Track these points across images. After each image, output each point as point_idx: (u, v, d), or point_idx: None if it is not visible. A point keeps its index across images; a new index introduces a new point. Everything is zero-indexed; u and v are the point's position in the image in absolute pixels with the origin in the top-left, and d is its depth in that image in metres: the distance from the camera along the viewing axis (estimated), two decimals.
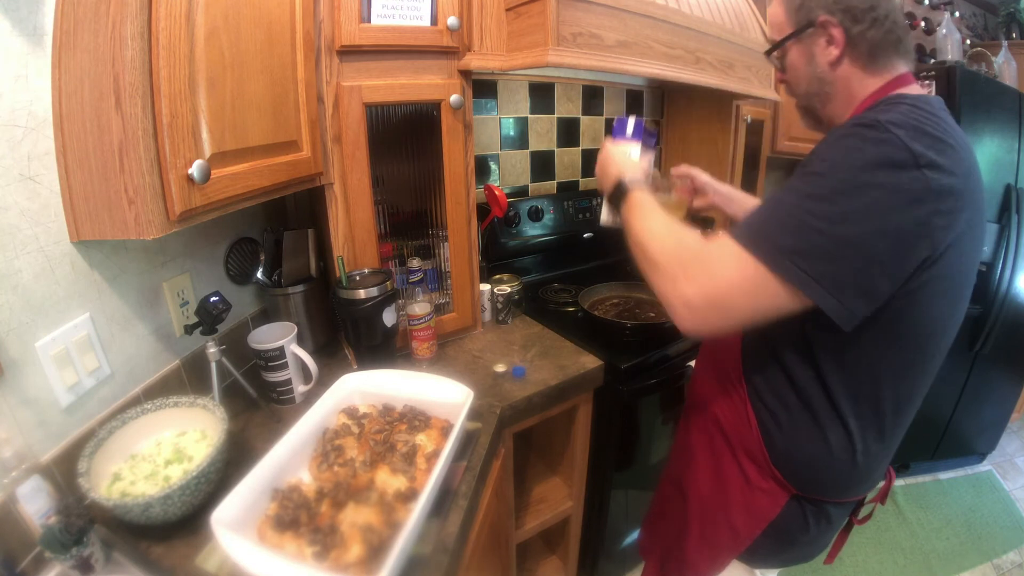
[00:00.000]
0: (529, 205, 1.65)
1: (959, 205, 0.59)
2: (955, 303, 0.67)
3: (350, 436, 0.82)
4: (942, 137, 0.59)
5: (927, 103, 0.64)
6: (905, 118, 0.59)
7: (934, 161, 0.57)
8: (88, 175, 0.70)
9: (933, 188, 0.56)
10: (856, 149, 0.59)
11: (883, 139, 0.57)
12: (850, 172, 0.58)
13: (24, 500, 0.64)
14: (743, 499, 0.79)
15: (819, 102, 0.75)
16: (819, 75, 0.72)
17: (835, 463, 0.73)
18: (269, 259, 1.16)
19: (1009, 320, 1.84)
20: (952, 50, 1.98)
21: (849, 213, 0.57)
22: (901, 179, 0.56)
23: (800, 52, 0.74)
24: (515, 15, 1.08)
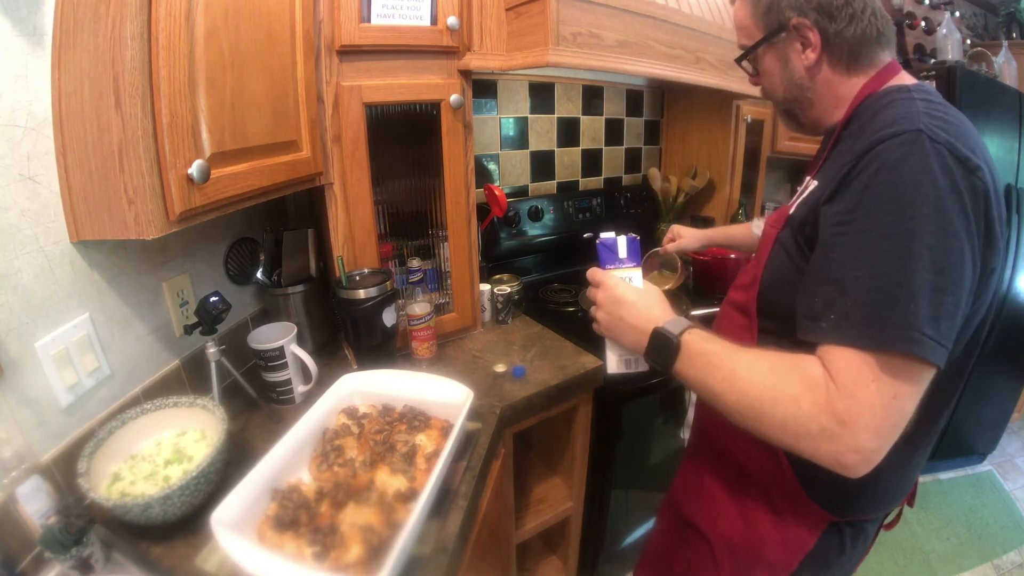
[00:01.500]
0: (529, 205, 1.65)
1: (999, 201, 0.54)
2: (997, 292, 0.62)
3: (350, 436, 0.82)
4: (966, 130, 0.54)
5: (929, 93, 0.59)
6: (933, 121, 0.53)
7: (977, 163, 0.52)
8: (88, 175, 0.70)
9: (985, 191, 0.52)
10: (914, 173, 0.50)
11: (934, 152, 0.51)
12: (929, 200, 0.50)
13: (24, 500, 0.64)
14: (777, 535, 0.71)
15: (800, 107, 0.70)
16: (797, 80, 0.67)
17: (882, 482, 0.65)
18: (269, 259, 1.16)
19: (1009, 320, 1.84)
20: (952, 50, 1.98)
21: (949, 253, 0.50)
22: (965, 194, 0.50)
23: (774, 58, 0.68)
24: (515, 15, 1.08)
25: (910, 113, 0.54)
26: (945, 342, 0.50)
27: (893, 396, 0.50)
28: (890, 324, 0.49)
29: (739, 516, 0.74)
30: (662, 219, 1.99)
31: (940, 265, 0.49)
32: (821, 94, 0.67)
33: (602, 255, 0.78)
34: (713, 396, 0.60)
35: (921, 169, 0.50)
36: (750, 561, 0.74)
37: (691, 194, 1.94)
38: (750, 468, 0.72)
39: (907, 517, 1.92)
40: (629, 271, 0.76)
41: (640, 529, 1.50)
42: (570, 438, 1.28)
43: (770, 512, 0.71)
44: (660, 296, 0.71)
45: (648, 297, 0.70)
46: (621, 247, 0.77)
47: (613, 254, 0.77)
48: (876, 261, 0.51)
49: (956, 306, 0.50)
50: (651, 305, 0.69)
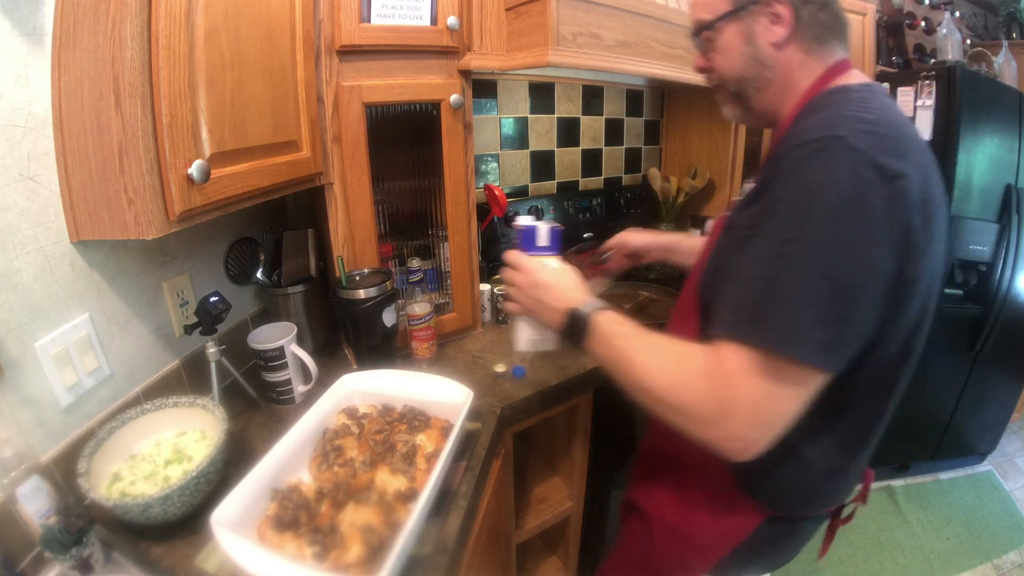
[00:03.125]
0: (529, 205, 1.65)
1: (932, 207, 0.54)
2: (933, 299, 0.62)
3: (350, 436, 0.82)
4: (897, 135, 0.54)
5: (871, 93, 0.59)
6: (859, 125, 0.54)
7: (901, 170, 0.51)
8: (88, 175, 0.70)
9: (909, 200, 0.52)
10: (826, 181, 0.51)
11: (846, 161, 0.51)
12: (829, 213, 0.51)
13: (24, 500, 0.64)
14: (713, 523, 0.73)
15: (754, 88, 0.67)
16: (759, 57, 0.65)
17: (813, 481, 0.68)
18: (269, 259, 1.16)
19: (1009, 320, 1.84)
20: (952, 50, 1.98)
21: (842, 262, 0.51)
22: (877, 203, 0.51)
23: (738, 31, 0.66)
24: (515, 15, 1.08)
25: (835, 118, 0.56)
26: (832, 347, 0.52)
27: (770, 393, 0.53)
28: (771, 324, 0.52)
29: (680, 501, 0.77)
30: (662, 219, 1.99)
31: (832, 272, 0.51)
32: (779, 74, 0.65)
33: (522, 240, 0.78)
34: (619, 375, 0.64)
35: (828, 177, 0.51)
36: (683, 543, 0.76)
37: (691, 194, 1.94)
38: (693, 458, 0.73)
39: (907, 517, 1.93)
40: (549, 258, 0.76)
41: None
42: (570, 438, 1.28)
43: (708, 501, 0.73)
44: (576, 278, 0.74)
45: (565, 279, 0.73)
46: (542, 236, 0.77)
47: (533, 240, 0.78)
48: (771, 263, 0.54)
49: (850, 313, 0.52)
50: (568, 287, 0.72)
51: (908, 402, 2.11)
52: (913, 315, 0.59)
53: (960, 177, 1.67)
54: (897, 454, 2.06)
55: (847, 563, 1.73)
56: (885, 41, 2.09)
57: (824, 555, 0.88)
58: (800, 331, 0.51)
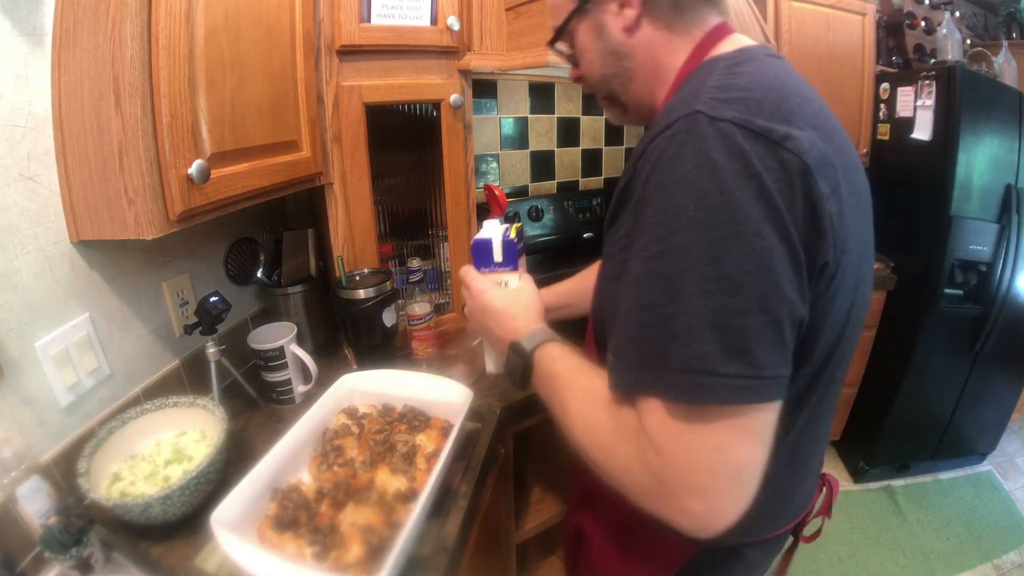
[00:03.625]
0: (529, 205, 1.65)
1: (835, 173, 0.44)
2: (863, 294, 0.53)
3: (350, 436, 0.82)
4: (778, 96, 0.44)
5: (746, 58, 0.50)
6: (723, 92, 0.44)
7: (787, 133, 0.41)
8: (88, 175, 0.70)
9: (806, 164, 0.41)
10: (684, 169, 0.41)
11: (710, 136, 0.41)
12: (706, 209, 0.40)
13: (24, 500, 0.64)
14: (644, 550, 0.65)
15: (620, 84, 0.60)
16: (613, 48, 0.57)
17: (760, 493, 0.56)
18: (269, 259, 1.16)
19: (1009, 320, 1.84)
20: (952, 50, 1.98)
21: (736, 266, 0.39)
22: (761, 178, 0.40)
23: (588, 27, 0.59)
24: (515, 15, 1.08)
25: (694, 92, 0.46)
26: (764, 371, 0.40)
27: (714, 447, 0.41)
28: (669, 367, 0.41)
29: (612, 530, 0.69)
30: None
31: (732, 282, 0.39)
32: (641, 61, 0.57)
33: (476, 257, 0.70)
34: (558, 420, 0.55)
35: (695, 162, 0.41)
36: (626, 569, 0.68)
37: None
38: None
39: (907, 517, 1.93)
40: (505, 275, 0.69)
41: None
42: None
43: (638, 529, 0.64)
44: (529, 300, 0.66)
45: (515, 304, 0.65)
46: (496, 250, 0.68)
47: (488, 256, 0.69)
48: (645, 289, 0.43)
49: (773, 324, 0.40)
50: (515, 315, 0.64)
51: (908, 402, 2.11)
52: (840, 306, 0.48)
53: (960, 177, 1.67)
54: (897, 454, 2.06)
55: (847, 563, 1.73)
56: (885, 41, 2.09)
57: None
58: (714, 368, 0.39)
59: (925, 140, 1.75)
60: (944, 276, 1.74)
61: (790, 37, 1.71)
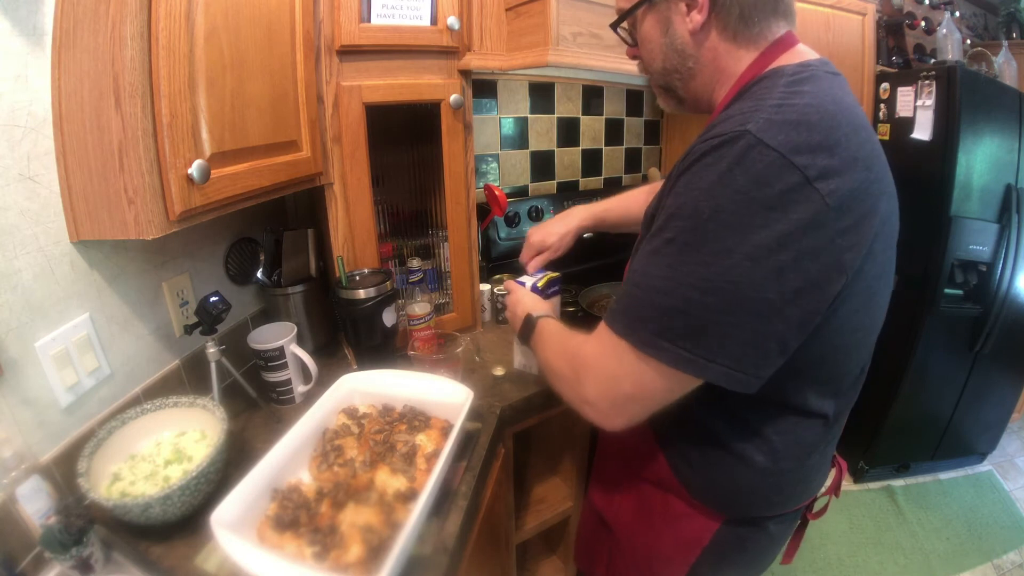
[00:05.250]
0: (529, 205, 1.65)
1: (867, 206, 0.49)
2: (874, 309, 0.59)
3: (350, 436, 0.82)
4: (828, 125, 0.48)
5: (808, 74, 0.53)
6: (780, 114, 0.48)
7: (826, 168, 0.46)
8: (88, 175, 0.70)
9: (831, 205, 0.46)
10: (723, 180, 0.47)
11: (755, 159, 0.46)
12: (723, 216, 0.47)
13: (24, 500, 0.64)
14: (670, 531, 0.72)
15: (680, 80, 0.63)
16: (678, 47, 0.60)
17: (763, 483, 0.65)
18: (269, 259, 1.16)
19: (1009, 320, 1.84)
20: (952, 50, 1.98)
21: (736, 271, 0.47)
22: (789, 209, 0.45)
23: (655, 20, 0.61)
24: (515, 15, 1.08)
25: (754, 108, 0.50)
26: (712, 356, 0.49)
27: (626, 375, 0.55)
28: (645, 327, 0.52)
29: (637, 507, 0.77)
30: None
31: (713, 285, 0.47)
32: (704, 64, 0.60)
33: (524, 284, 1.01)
34: (539, 359, 0.75)
35: (726, 178, 0.47)
36: (650, 554, 0.76)
37: None
38: (643, 466, 0.74)
39: (907, 517, 1.93)
40: None
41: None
42: (570, 438, 1.28)
43: (662, 509, 0.73)
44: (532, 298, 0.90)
45: (530, 299, 0.90)
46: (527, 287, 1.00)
47: None
48: (651, 263, 0.53)
49: (736, 327, 0.48)
50: (531, 305, 0.87)
51: (908, 402, 2.11)
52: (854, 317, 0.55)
53: (960, 177, 1.67)
54: (897, 454, 2.06)
55: (847, 563, 1.73)
56: (885, 41, 2.09)
57: (790, 559, 0.83)
58: (671, 338, 0.50)
59: (925, 140, 1.75)
60: (944, 276, 1.74)
61: None
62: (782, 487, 0.67)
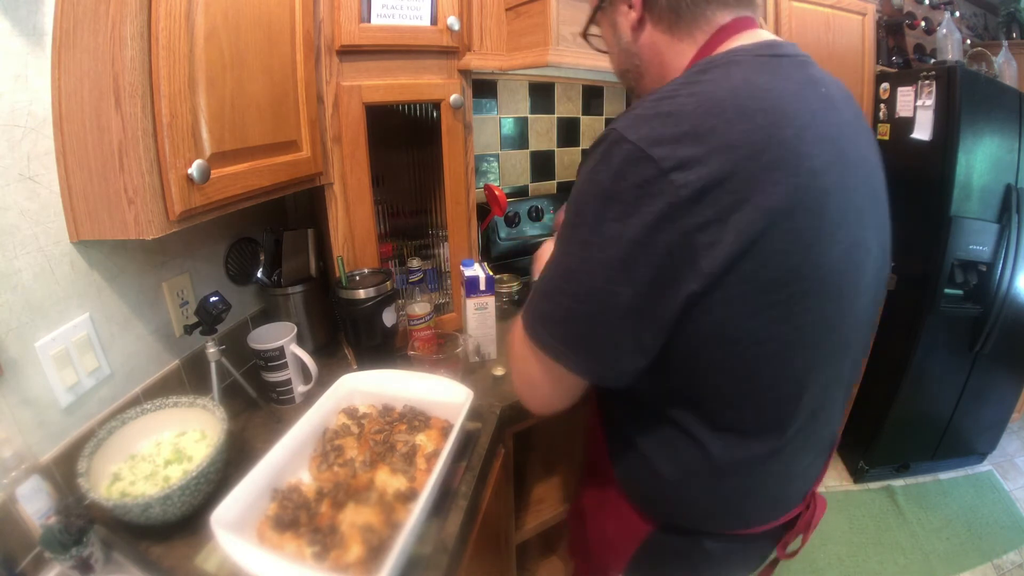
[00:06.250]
0: (529, 205, 1.65)
1: (737, 199, 0.45)
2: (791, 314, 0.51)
3: (350, 436, 0.82)
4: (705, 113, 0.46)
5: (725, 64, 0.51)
6: (653, 108, 0.48)
7: (686, 158, 0.44)
8: (88, 175, 0.70)
9: (685, 196, 0.44)
10: (586, 178, 0.50)
11: (612, 154, 0.47)
12: (581, 210, 0.50)
13: (24, 500, 0.64)
14: (613, 518, 0.74)
15: (633, 80, 0.65)
16: (625, 47, 0.62)
17: (674, 495, 0.64)
18: (269, 259, 1.16)
19: (1009, 320, 1.84)
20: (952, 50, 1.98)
21: (584, 263, 0.50)
22: (642, 202, 0.45)
23: (607, 25, 0.64)
24: (515, 15, 1.08)
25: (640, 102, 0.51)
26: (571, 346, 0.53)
27: (528, 359, 0.58)
28: (528, 308, 0.58)
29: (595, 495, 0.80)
30: None
31: (567, 269, 0.52)
32: (647, 60, 0.61)
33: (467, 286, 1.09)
34: None
35: (590, 175, 0.50)
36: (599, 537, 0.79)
37: None
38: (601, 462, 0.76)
39: (907, 517, 1.93)
40: (486, 299, 1.11)
41: None
42: (570, 438, 1.28)
43: (611, 498, 0.74)
44: None
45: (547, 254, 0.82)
46: (481, 282, 1.09)
47: (475, 287, 1.09)
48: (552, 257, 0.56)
49: (590, 317, 0.51)
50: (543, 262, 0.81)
51: (908, 402, 2.11)
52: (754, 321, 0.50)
53: (960, 177, 1.67)
54: (897, 454, 2.06)
55: (847, 563, 1.73)
56: (885, 41, 2.09)
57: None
58: (540, 322, 0.55)
59: (925, 140, 1.75)
60: (944, 276, 1.74)
61: (790, 37, 1.71)
62: (696, 503, 0.64)
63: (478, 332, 1.15)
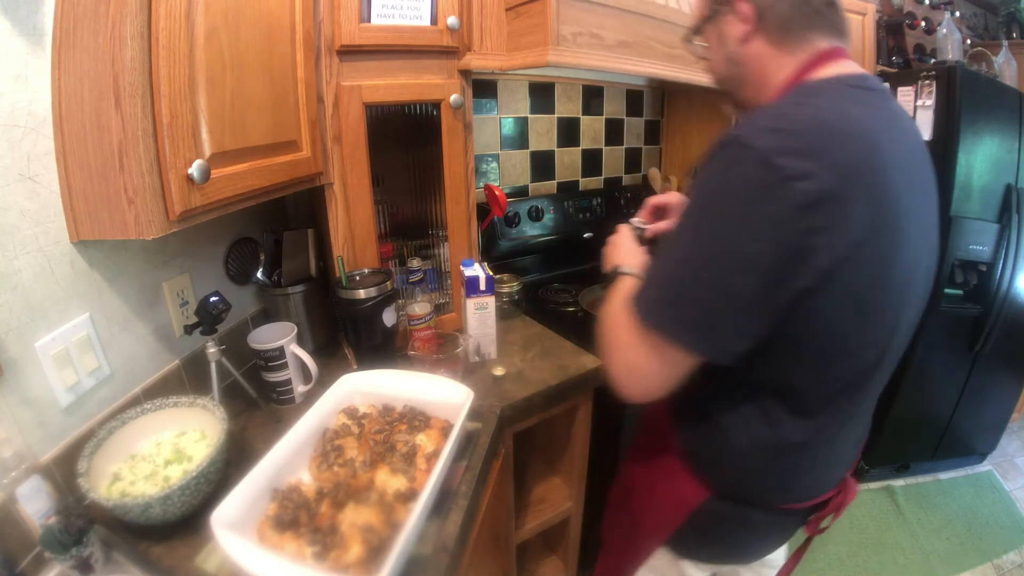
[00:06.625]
0: (529, 205, 1.65)
1: (843, 212, 0.52)
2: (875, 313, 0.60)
3: (350, 436, 0.82)
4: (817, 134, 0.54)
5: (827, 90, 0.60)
6: (774, 121, 0.55)
7: (803, 170, 0.51)
8: (88, 175, 0.70)
9: (805, 202, 0.51)
10: (713, 178, 0.56)
11: (740, 159, 0.53)
12: (710, 208, 0.56)
13: (24, 500, 0.64)
14: (666, 486, 0.79)
15: (735, 86, 0.72)
16: (730, 55, 0.69)
17: (744, 468, 0.70)
18: (269, 259, 1.16)
19: (1009, 320, 1.84)
20: (952, 50, 1.98)
21: (712, 254, 0.55)
22: (763, 203, 0.52)
23: (715, 33, 0.71)
24: (515, 15, 1.08)
25: (758, 115, 0.58)
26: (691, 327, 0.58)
27: (637, 346, 0.62)
28: (644, 295, 0.62)
29: (647, 467, 0.84)
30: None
31: (693, 259, 0.57)
32: (751, 70, 0.68)
33: (468, 286, 1.10)
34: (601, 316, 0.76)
35: (713, 173, 0.56)
36: (647, 506, 0.83)
37: None
38: (661, 431, 0.82)
39: (907, 517, 1.93)
40: (486, 299, 1.12)
41: None
42: (570, 438, 1.28)
43: (666, 467, 0.79)
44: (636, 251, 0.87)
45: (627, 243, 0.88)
46: (482, 282, 1.10)
47: (475, 287, 1.10)
48: (665, 250, 0.62)
49: (712, 302, 0.56)
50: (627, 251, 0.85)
51: (908, 402, 2.11)
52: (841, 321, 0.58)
53: (960, 177, 1.67)
54: (897, 454, 2.06)
55: (847, 563, 1.73)
56: (885, 41, 2.09)
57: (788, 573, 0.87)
58: (661, 306, 0.59)
59: (925, 140, 1.75)
60: (944, 276, 1.74)
61: None
62: (757, 475, 0.71)
63: (478, 332, 1.15)
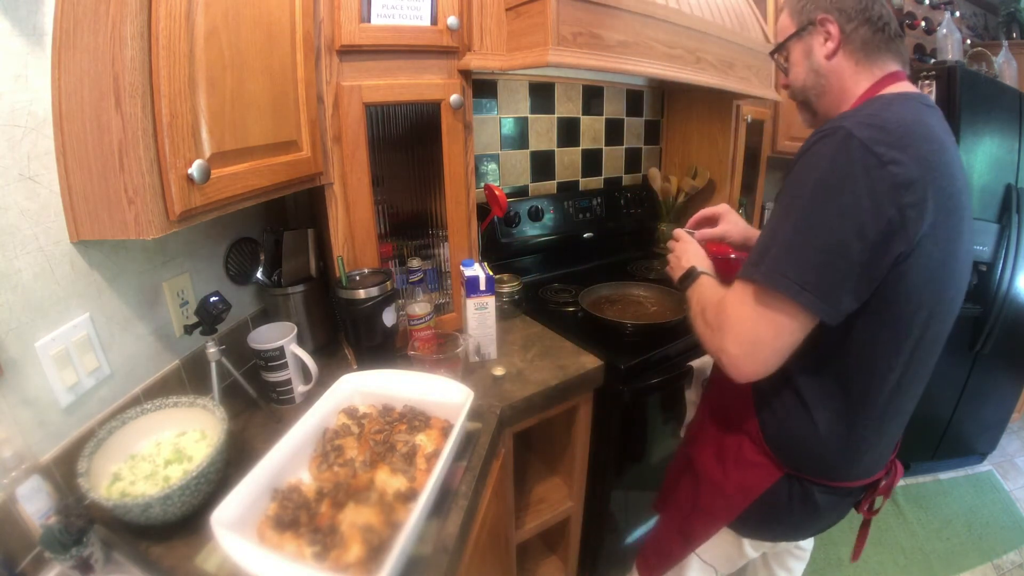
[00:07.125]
0: (529, 205, 1.65)
1: (926, 195, 0.63)
2: (941, 291, 0.71)
3: (350, 436, 0.82)
4: (903, 132, 0.64)
5: (901, 99, 0.71)
6: (869, 119, 0.65)
7: (896, 158, 0.62)
8: (88, 175, 0.70)
9: (900, 182, 0.61)
10: (823, 159, 0.65)
11: (847, 145, 0.63)
12: (820, 183, 0.64)
13: (24, 500, 0.64)
14: (738, 472, 0.85)
15: (815, 95, 0.82)
16: (815, 67, 0.80)
17: (818, 443, 0.77)
18: (269, 259, 1.16)
19: (1009, 320, 1.84)
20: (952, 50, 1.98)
21: (825, 222, 0.63)
22: (867, 180, 0.61)
23: (801, 48, 0.81)
24: (515, 15, 1.08)
25: (852, 114, 0.67)
26: (809, 287, 0.64)
27: (755, 318, 0.68)
28: (761, 263, 0.67)
29: (717, 451, 0.90)
30: (662, 219, 1.99)
31: (808, 227, 0.64)
32: (832, 82, 0.79)
33: (468, 286, 1.11)
34: (691, 307, 0.84)
35: (823, 155, 0.65)
36: (715, 491, 0.89)
37: (691, 194, 1.94)
38: (734, 416, 0.88)
39: (907, 517, 1.93)
40: (486, 299, 1.12)
41: (640, 529, 1.50)
42: (570, 438, 1.28)
43: (738, 451, 0.86)
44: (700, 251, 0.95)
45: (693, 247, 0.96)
46: (482, 282, 1.11)
47: (475, 287, 1.11)
48: (772, 221, 0.70)
49: (827, 264, 0.63)
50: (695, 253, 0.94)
51: None
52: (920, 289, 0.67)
53: None
54: (897, 454, 2.06)
55: (847, 563, 1.73)
56: None
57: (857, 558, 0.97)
58: (780, 270, 0.65)
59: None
60: None
61: None
62: (832, 452, 0.78)
63: (478, 332, 1.15)
